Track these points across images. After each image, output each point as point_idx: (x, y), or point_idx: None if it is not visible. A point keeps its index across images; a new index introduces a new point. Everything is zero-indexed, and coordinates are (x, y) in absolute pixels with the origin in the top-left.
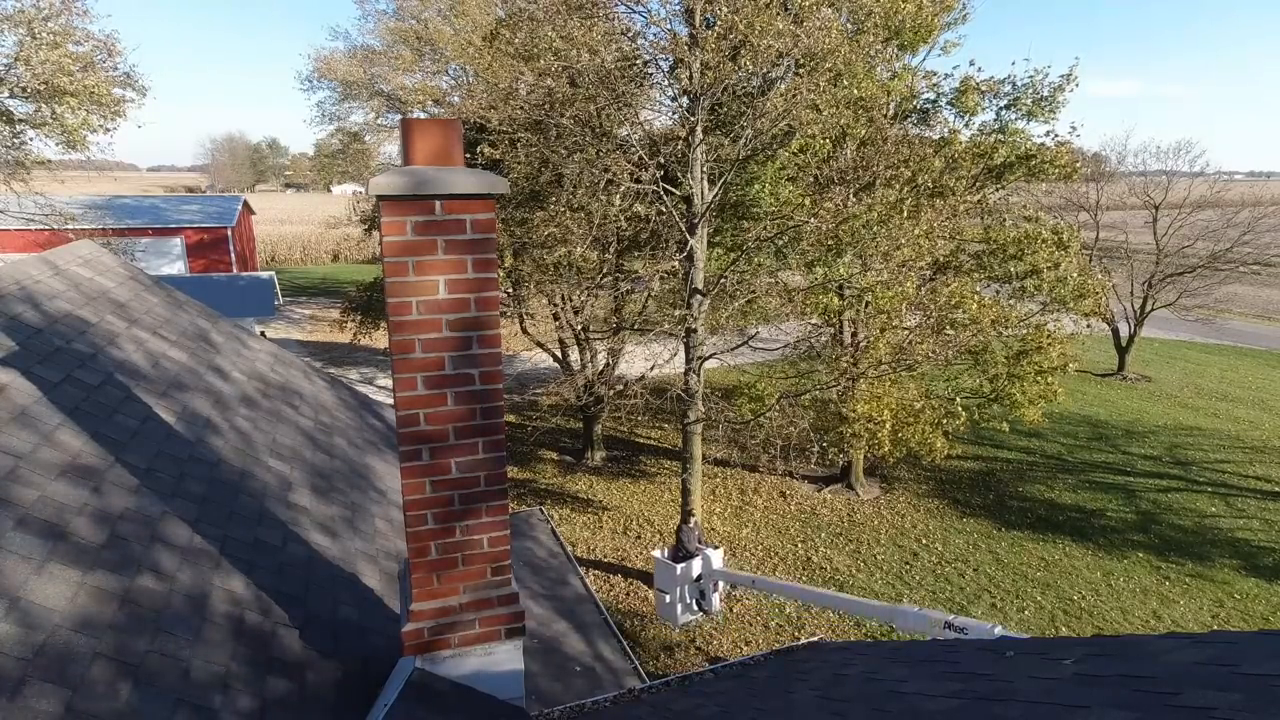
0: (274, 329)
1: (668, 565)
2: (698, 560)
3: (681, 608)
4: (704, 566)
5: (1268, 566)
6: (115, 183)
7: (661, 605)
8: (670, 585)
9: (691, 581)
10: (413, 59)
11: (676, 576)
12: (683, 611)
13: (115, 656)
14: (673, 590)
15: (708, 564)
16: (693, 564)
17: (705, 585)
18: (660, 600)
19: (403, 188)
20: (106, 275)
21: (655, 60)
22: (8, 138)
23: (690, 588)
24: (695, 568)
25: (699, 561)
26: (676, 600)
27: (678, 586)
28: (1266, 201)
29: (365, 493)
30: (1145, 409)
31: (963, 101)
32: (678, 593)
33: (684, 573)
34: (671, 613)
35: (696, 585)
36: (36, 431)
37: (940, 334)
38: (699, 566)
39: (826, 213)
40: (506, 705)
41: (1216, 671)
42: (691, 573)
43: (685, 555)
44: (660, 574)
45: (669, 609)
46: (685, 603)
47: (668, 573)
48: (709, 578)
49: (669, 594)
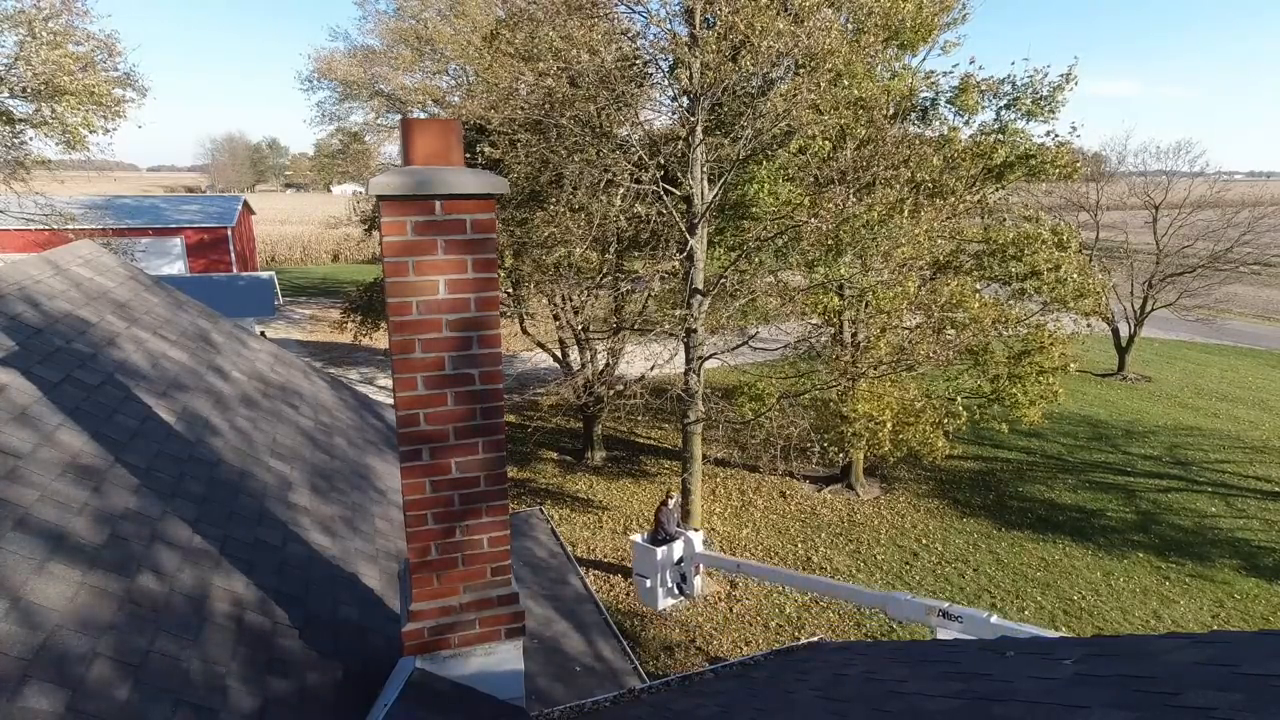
0: (274, 329)
1: (647, 549)
2: (679, 543)
3: (663, 592)
4: (685, 549)
5: (1268, 566)
6: (115, 183)
7: (642, 590)
8: (650, 570)
9: (673, 565)
10: (413, 59)
11: (657, 561)
12: (664, 596)
13: (115, 657)
14: (653, 575)
15: (689, 547)
16: (673, 547)
17: (686, 568)
18: (640, 585)
19: (403, 188)
20: (107, 275)
21: (655, 60)
22: (8, 138)
23: (671, 571)
24: (676, 551)
25: (680, 544)
26: (657, 585)
27: (659, 571)
28: (1266, 201)
29: (365, 493)
30: (1145, 409)
31: (962, 100)
32: (659, 577)
33: (665, 557)
34: (652, 597)
35: (678, 569)
36: (36, 431)
37: (941, 334)
38: (680, 549)
39: (826, 213)
40: (506, 705)
41: (1216, 671)
42: (672, 556)
43: (665, 539)
44: (640, 558)
45: (650, 593)
46: (666, 587)
47: (647, 557)
48: (690, 561)
49: (649, 579)
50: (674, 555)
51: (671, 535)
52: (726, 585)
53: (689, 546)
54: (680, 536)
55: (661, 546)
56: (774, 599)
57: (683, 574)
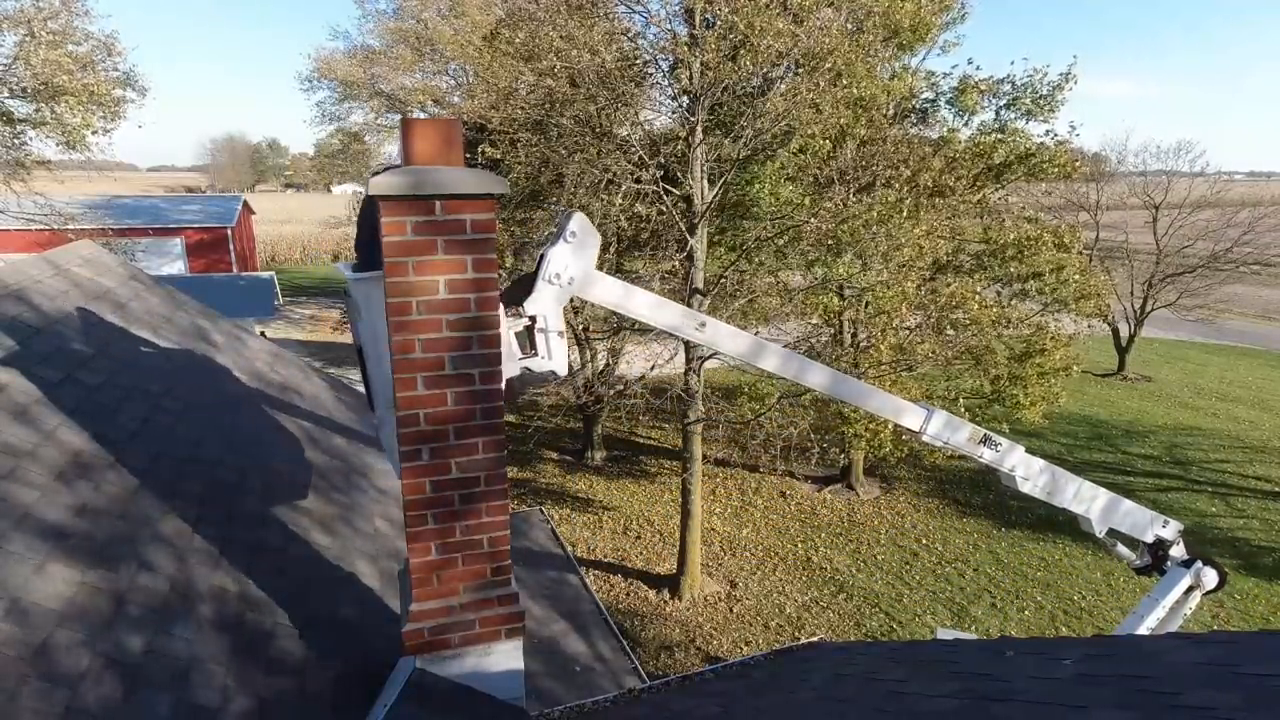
0: (274, 329)
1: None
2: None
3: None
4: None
5: (1267, 566)
6: (115, 183)
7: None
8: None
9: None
10: (413, 59)
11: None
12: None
13: (114, 656)
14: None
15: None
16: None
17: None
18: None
19: (403, 188)
20: (107, 275)
21: (655, 60)
22: (8, 138)
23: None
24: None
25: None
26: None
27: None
28: (1266, 201)
29: (365, 492)
30: (1145, 409)
31: (962, 100)
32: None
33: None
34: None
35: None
36: (36, 431)
37: (941, 334)
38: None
39: (826, 213)
40: (506, 705)
41: (1216, 671)
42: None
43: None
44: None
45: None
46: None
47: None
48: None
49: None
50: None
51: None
52: (727, 585)
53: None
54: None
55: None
56: (774, 599)
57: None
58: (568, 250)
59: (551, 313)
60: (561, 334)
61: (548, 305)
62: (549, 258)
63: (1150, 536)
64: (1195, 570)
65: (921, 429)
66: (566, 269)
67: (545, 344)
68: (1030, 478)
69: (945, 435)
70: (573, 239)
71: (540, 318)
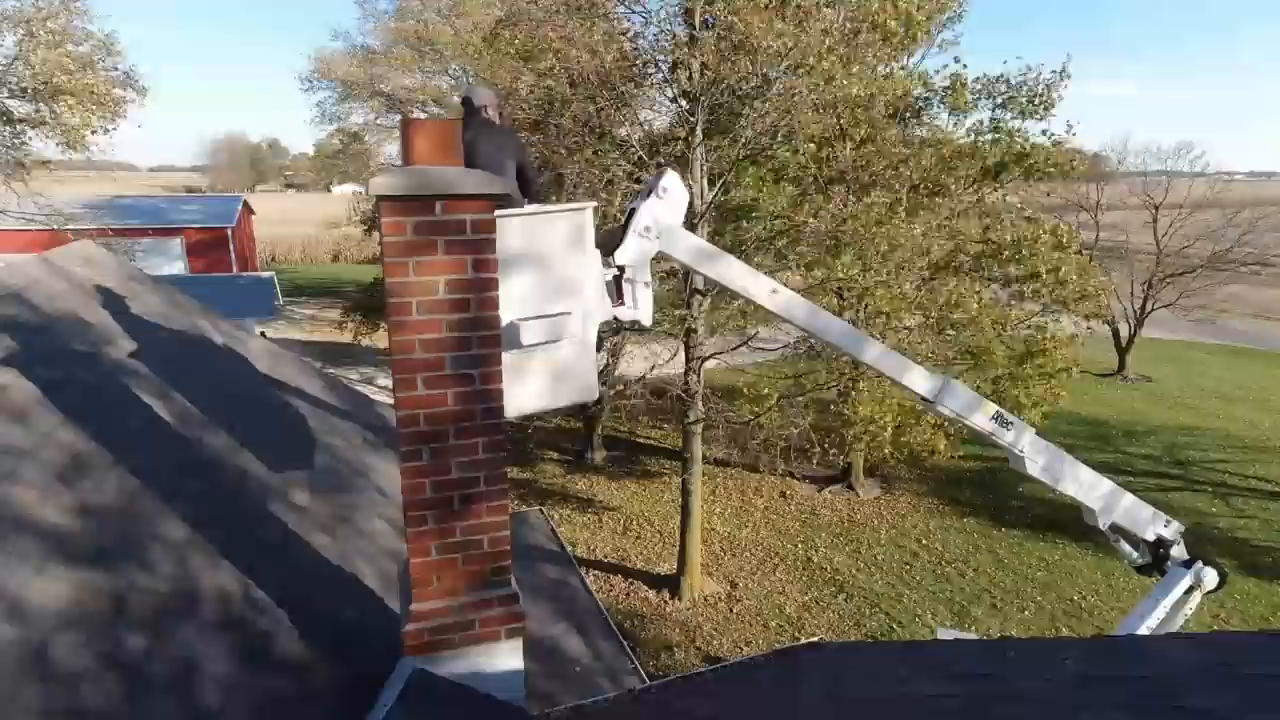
0: (274, 329)
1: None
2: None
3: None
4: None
5: (1267, 566)
6: (115, 183)
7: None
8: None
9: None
10: (413, 59)
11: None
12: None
13: (114, 656)
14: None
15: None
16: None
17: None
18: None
19: (403, 188)
20: (106, 275)
21: (655, 60)
22: (8, 138)
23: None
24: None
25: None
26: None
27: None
28: (1266, 201)
29: (365, 492)
30: (1145, 409)
31: (954, 99)
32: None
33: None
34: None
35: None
36: (36, 431)
37: (941, 335)
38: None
39: (825, 213)
40: (507, 705)
41: (1216, 671)
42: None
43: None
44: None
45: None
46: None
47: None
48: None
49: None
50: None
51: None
52: (727, 585)
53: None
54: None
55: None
56: (774, 599)
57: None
58: (659, 205)
59: (640, 264)
60: (648, 284)
61: (636, 257)
62: (639, 212)
63: (1151, 535)
64: (1196, 571)
65: (936, 399)
66: (657, 222)
67: (632, 294)
68: (1038, 460)
69: (957, 408)
70: (664, 194)
71: (629, 269)
